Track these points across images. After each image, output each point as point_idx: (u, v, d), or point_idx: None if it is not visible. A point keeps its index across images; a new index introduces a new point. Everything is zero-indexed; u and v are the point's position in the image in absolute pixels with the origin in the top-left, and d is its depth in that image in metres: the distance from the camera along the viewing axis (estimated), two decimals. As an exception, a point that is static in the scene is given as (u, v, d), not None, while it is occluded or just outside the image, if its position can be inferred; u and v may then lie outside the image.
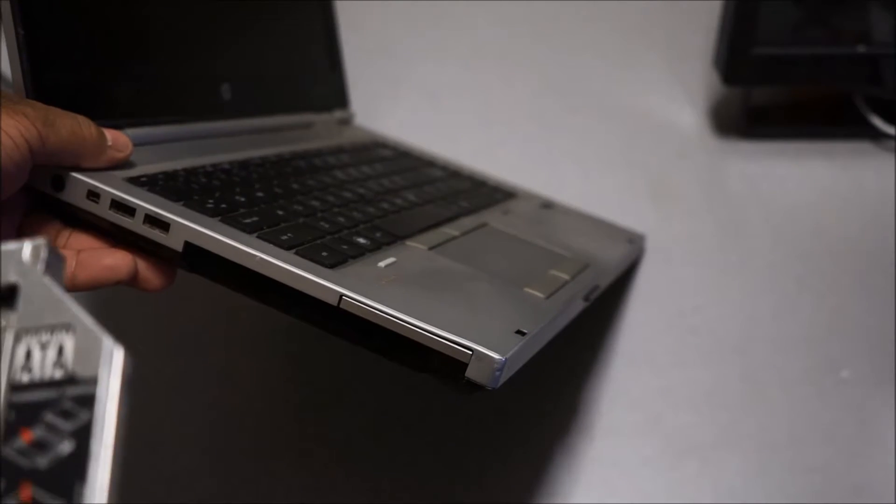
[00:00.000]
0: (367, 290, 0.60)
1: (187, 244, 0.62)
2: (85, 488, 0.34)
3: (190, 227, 0.62)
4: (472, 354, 0.57)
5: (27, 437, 0.35)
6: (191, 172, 0.72)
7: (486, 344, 0.58)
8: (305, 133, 0.94)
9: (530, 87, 1.11)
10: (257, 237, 0.64)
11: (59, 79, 0.68)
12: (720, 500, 0.93)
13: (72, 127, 0.63)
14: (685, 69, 1.09)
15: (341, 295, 0.59)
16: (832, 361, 0.96)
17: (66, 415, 0.36)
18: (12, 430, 0.36)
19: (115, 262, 0.63)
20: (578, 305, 0.74)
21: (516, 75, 1.11)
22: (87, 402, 0.36)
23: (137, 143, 0.71)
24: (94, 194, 0.64)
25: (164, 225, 0.63)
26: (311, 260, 0.63)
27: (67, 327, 0.37)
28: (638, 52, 1.10)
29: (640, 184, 1.05)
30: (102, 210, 0.64)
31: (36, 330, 0.38)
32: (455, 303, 0.64)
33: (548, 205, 0.97)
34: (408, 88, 1.11)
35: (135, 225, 0.63)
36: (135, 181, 0.66)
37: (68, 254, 0.64)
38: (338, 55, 1.02)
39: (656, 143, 1.07)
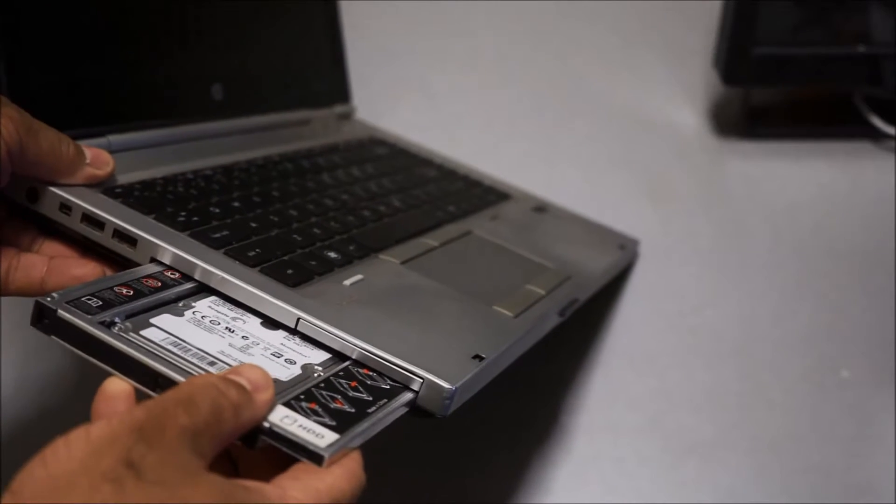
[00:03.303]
0: (326, 313, 0.56)
1: (153, 259, 0.59)
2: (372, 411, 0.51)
3: (156, 243, 0.59)
4: (422, 382, 0.53)
5: (353, 384, 0.52)
6: (170, 181, 0.68)
7: (438, 372, 0.54)
8: (301, 131, 0.89)
9: (530, 88, 1.06)
10: (224, 253, 0.60)
11: (39, 88, 0.64)
12: (720, 500, 0.88)
13: (52, 142, 0.60)
14: (685, 69, 1.04)
15: (298, 318, 0.56)
16: (832, 361, 0.91)
17: (378, 392, 0.53)
18: (350, 375, 0.53)
19: (83, 272, 0.60)
20: (552, 321, 0.70)
21: (516, 76, 1.07)
22: (390, 394, 0.53)
23: (122, 149, 0.68)
24: (66, 207, 0.60)
25: (131, 240, 0.59)
26: (275, 278, 0.59)
27: None
28: (638, 52, 1.05)
29: (640, 184, 1.00)
30: (74, 223, 0.60)
31: None
32: (415, 325, 0.60)
33: (541, 208, 0.92)
34: (409, 90, 1.06)
35: (104, 239, 0.60)
36: (109, 192, 0.63)
37: (40, 259, 0.61)
38: (340, 49, 0.97)
39: (656, 144, 1.02)
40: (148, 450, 0.40)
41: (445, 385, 0.53)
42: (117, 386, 0.47)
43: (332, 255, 0.65)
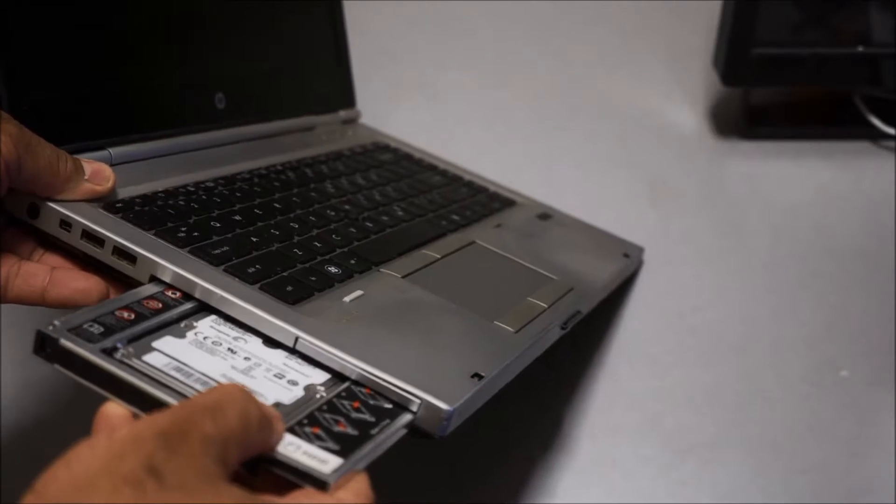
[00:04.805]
0: (324, 331, 0.56)
1: (153, 277, 0.58)
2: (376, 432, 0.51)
3: (155, 261, 0.58)
4: (420, 403, 0.53)
5: (356, 404, 0.52)
6: (171, 194, 0.67)
7: (436, 392, 0.53)
8: (306, 137, 0.88)
9: (531, 89, 1.06)
10: (224, 270, 0.59)
11: (39, 101, 0.64)
12: (720, 500, 0.88)
13: (49, 158, 0.59)
14: (685, 70, 1.04)
15: (297, 337, 0.55)
16: (832, 361, 0.90)
17: (380, 412, 0.52)
18: (353, 395, 0.53)
19: (87, 285, 0.60)
20: (554, 335, 0.69)
21: (517, 77, 1.06)
22: (392, 414, 0.53)
23: (123, 161, 0.67)
24: (66, 223, 0.60)
25: (131, 258, 0.59)
26: (274, 296, 0.58)
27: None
28: (638, 52, 1.05)
29: (640, 184, 0.99)
30: (74, 239, 0.60)
31: None
32: (414, 342, 0.59)
33: (545, 215, 0.91)
34: (409, 90, 1.05)
35: (104, 255, 0.59)
36: (110, 207, 0.62)
37: (42, 269, 0.61)
38: (345, 53, 0.96)
39: (656, 144, 1.02)
40: (170, 456, 0.40)
41: (444, 406, 0.53)
42: (115, 410, 0.47)
43: (333, 269, 0.64)
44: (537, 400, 0.91)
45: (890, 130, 0.97)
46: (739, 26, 0.92)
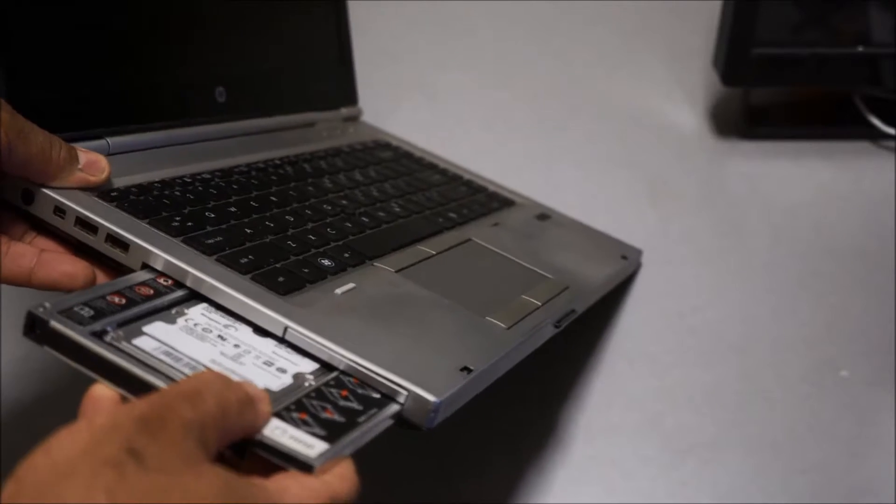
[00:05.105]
0: (314, 322, 0.55)
1: (145, 265, 0.58)
2: (364, 420, 0.51)
3: (148, 249, 0.58)
4: (407, 395, 0.53)
5: (343, 393, 0.52)
6: (167, 184, 0.67)
7: (424, 384, 0.53)
8: (306, 133, 0.88)
9: (531, 89, 1.06)
10: (216, 259, 0.59)
11: (38, 90, 0.64)
12: (720, 500, 0.87)
13: (42, 145, 0.59)
14: (685, 69, 1.04)
15: (286, 326, 0.55)
16: (832, 361, 0.90)
17: (368, 402, 0.52)
18: (341, 384, 0.53)
19: (74, 270, 0.60)
20: (547, 333, 0.68)
21: (517, 77, 1.06)
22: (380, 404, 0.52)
23: (121, 151, 0.67)
24: (60, 210, 0.60)
25: (124, 245, 0.59)
26: (265, 286, 0.58)
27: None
28: (638, 52, 1.05)
29: (640, 184, 0.99)
30: (67, 226, 0.60)
31: None
32: (404, 335, 0.59)
33: (544, 216, 0.91)
34: (410, 90, 1.05)
35: (97, 243, 0.59)
36: (105, 196, 0.62)
37: (30, 250, 0.61)
38: (348, 50, 0.95)
39: (656, 144, 1.01)
40: (150, 440, 0.41)
41: (430, 398, 0.52)
42: (103, 392, 0.47)
43: (326, 262, 0.64)
44: (537, 400, 0.91)
45: (890, 130, 0.96)
46: (739, 26, 0.92)
